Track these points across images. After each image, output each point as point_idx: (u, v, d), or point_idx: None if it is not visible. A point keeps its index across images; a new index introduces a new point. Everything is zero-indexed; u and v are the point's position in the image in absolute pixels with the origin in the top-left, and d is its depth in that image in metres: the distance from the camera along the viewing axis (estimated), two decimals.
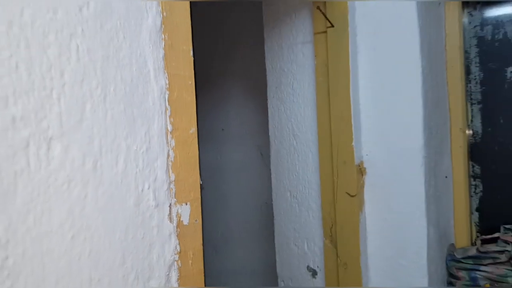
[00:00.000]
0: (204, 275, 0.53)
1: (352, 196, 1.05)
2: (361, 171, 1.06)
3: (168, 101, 0.49)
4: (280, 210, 1.22)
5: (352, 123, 1.05)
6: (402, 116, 1.03)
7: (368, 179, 1.06)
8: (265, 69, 1.22)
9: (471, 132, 1.22)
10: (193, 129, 0.53)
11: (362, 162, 1.06)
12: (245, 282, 1.49)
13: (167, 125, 0.49)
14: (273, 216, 1.23)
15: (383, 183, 1.04)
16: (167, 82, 0.50)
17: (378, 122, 1.05)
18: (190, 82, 0.52)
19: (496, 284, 0.97)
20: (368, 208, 1.06)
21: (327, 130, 1.08)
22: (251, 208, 1.55)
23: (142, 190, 0.46)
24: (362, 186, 1.06)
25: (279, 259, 1.22)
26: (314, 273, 1.14)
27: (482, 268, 1.04)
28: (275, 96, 1.22)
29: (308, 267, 1.15)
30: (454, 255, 1.10)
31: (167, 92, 0.50)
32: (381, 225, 1.04)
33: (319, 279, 1.12)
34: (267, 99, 1.24)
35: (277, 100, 1.21)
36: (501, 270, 1.02)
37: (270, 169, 1.24)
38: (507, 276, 1.00)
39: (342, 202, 1.06)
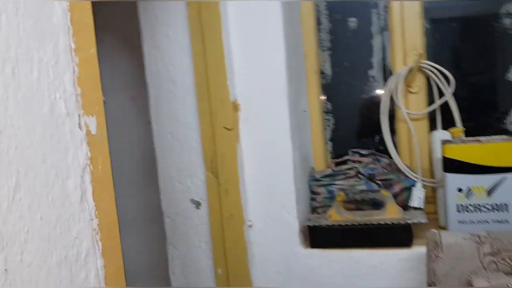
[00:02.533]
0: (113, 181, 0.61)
1: (230, 130, 1.18)
2: (236, 107, 1.19)
3: (70, 21, 0.55)
4: (163, 152, 1.30)
5: (226, 65, 1.17)
6: (268, 60, 1.18)
7: (242, 115, 1.20)
8: (137, 19, 1.26)
9: (324, 73, 1.43)
10: (93, 50, 0.59)
11: (236, 100, 1.19)
12: (132, 221, 1.55)
13: (70, 43, 0.55)
14: (156, 160, 1.31)
15: (255, 117, 1.19)
16: (68, 4, 0.54)
17: (248, 65, 1.18)
18: (88, 7, 0.58)
19: (347, 191, 1.20)
20: (243, 139, 1.20)
21: (203, 74, 1.19)
22: (134, 156, 1.59)
23: (55, 99, 0.52)
24: (238, 121, 1.20)
25: (163, 198, 1.31)
26: (198, 204, 1.26)
27: (337, 182, 1.27)
28: (150, 45, 1.27)
29: (192, 200, 1.26)
30: (314, 175, 1.31)
31: (69, 13, 0.55)
32: (255, 153, 1.20)
33: (203, 208, 1.25)
34: (140, 49, 1.29)
35: (153, 49, 1.27)
36: (351, 182, 1.26)
37: (149, 118, 1.31)
38: (355, 186, 1.24)
39: (221, 137, 1.18)
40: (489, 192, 1.05)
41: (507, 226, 1.03)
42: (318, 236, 1.17)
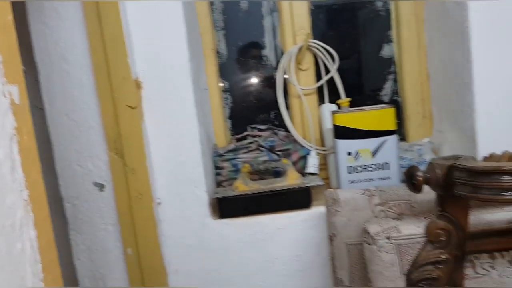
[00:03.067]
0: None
1: (133, 108, 1.16)
2: (138, 85, 1.18)
3: None
4: (58, 135, 1.23)
5: (126, 42, 1.14)
6: (169, 37, 1.18)
7: (145, 93, 1.19)
8: None
9: (220, 53, 1.48)
10: (10, 17, 0.56)
11: (138, 77, 1.18)
12: None
13: None
14: (51, 144, 1.24)
15: (159, 95, 1.19)
16: None
17: (149, 42, 1.18)
18: None
19: (251, 162, 1.28)
20: (148, 118, 1.19)
21: (100, 51, 1.15)
22: None
23: None
24: (141, 99, 1.18)
25: (62, 182, 1.24)
26: (101, 187, 1.22)
27: (240, 156, 1.34)
28: (38, 21, 1.19)
29: (94, 182, 1.23)
30: (217, 151, 1.36)
31: None
32: (161, 131, 1.20)
33: (108, 190, 1.22)
34: (26, 25, 1.20)
35: (41, 25, 1.19)
36: (253, 154, 1.33)
37: (39, 99, 1.23)
38: (258, 158, 1.32)
39: (124, 115, 1.16)
40: (374, 153, 1.21)
41: (389, 181, 1.20)
42: (227, 207, 1.23)
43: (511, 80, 1.15)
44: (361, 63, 1.54)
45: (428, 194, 0.91)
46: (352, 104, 1.37)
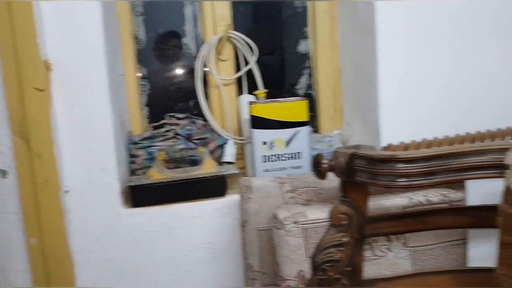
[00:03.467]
0: None
1: (41, 91, 1.10)
2: (48, 67, 1.12)
3: None
4: None
5: (36, 22, 1.08)
6: (84, 18, 1.14)
7: (55, 75, 1.13)
8: None
9: (138, 39, 1.45)
10: None
11: (48, 59, 1.12)
12: None
13: None
14: None
15: (71, 79, 1.14)
16: None
17: (61, 23, 1.12)
18: None
19: (167, 150, 1.27)
20: (57, 101, 1.14)
21: (7, 29, 1.08)
22: None
23: None
24: (50, 82, 1.13)
25: None
26: (3, 173, 1.15)
27: (156, 144, 1.32)
28: None
29: None
30: (132, 139, 1.33)
31: None
32: (72, 116, 1.15)
33: (10, 177, 1.15)
34: None
35: None
36: (170, 142, 1.32)
37: None
38: (174, 146, 1.31)
39: (32, 98, 1.10)
40: (287, 143, 1.25)
41: (301, 170, 1.25)
42: (139, 195, 1.21)
43: (411, 78, 1.24)
44: (279, 57, 1.58)
45: (334, 181, 0.96)
46: (270, 97, 1.40)
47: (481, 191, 1.01)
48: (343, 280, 0.95)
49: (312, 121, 1.54)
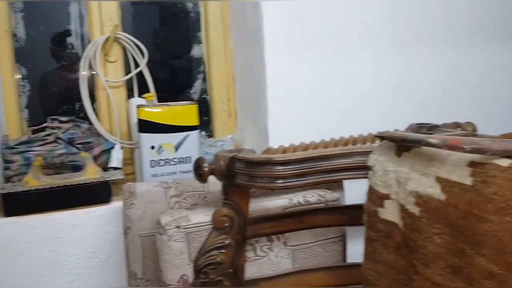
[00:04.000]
0: None
1: None
2: None
3: None
4: None
5: None
6: None
7: None
8: None
9: (17, 36, 1.35)
10: None
11: None
12: None
13: None
14: None
15: None
16: None
17: None
18: None
19: (45, 155, 1.19)
20: None
21: None
22: None
23: None
24: None
25: None
26: None
27: (34, 149, 1.23)
28: None
29: None
30: (7, 143, 1.23)
31: None
32: None
33: None
34: None
35: None
36: (50, 147, 1.24)
37: None
38: (54, 150, 1.24)
39: None
40: (177, 147, 1.24)
41: (191, 175, 1.24)
42: (13, 204, 1.12)
43: (297, 84, 1.30)
44: (173, 61, 1.57)
45: (219, 185, 0.97)
46: (164, 101, 1.38)
47: (358, 191, 1.09)
48: (225, 281, 0.96)
49: (207, 126, 1.54)
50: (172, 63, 1.58)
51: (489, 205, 0.60)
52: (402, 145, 0.79)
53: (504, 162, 0.61)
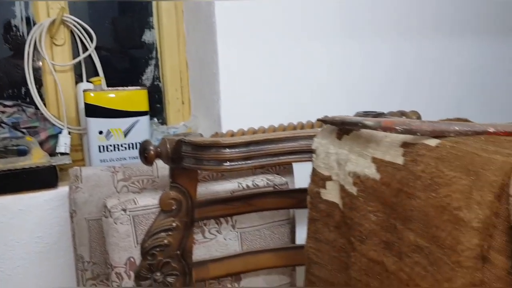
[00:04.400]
0: None
1: None
2: None
3: None
4: None
5: None
6: None
7: None
8: None
9: None
10: None
11: None
12: None
13: None
14: None
15: None
16: None
17: None
18: None
19: None
20: None
21: None
22: None
23: None
24: None
25: None
26: None
27: None
28: None
29: None
30: None
31: None
32: None
33: None
34: None
35: None
36: None
37: None
38: None
39: None
40: (126, 133, 1.23)
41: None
42: None
43: (251, 72, 1.31)
44: (125, 47, 1.54)
45: (167, 169, 0.97)
46: (113, 86, 1.36)
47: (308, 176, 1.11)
48: (172, 263, 0.97)
49: (160, 113, 1.54)
50: (124, 49, 1.55)
51: (418, 183, 0.64)
52: (343, 128, 0.82)
53: (433, 142, 0.65)
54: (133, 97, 1.23)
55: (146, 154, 0.91)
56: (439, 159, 0.62)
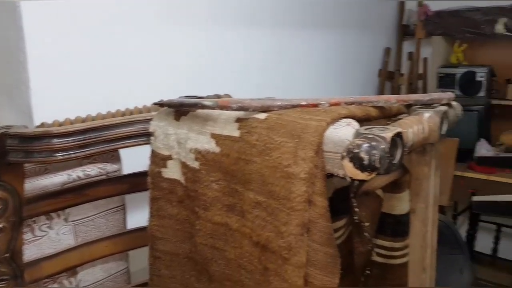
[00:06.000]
0: None
1: None
2: None
3: None
4: None
5: None
6: None
7: None
8: None
9: None
10: None
11: None
12: None
13: None
14: None
15: None
16: None
17: None
18: None
19: None
20: None
21: None
22: None
23: None
24: None
25: None
26: None
27: None
28: None
29: None
30: None
31: None
32: None
33: None
34: None
35: None
36: None
37: None
38: None
39: None
40: None
41: None
42: None
43: (63, 59, 1.25)
44: None
45: None
46: None
47: (135, 162, 1.13)
48: (1, 268, 0.89)
49: None
50: None
51: (254, 150, 0.76)
52: (180, 110, 0.89)
53: (262, 116, 0.78)
54: None
55: None
56: (269, 129, 0.75)
